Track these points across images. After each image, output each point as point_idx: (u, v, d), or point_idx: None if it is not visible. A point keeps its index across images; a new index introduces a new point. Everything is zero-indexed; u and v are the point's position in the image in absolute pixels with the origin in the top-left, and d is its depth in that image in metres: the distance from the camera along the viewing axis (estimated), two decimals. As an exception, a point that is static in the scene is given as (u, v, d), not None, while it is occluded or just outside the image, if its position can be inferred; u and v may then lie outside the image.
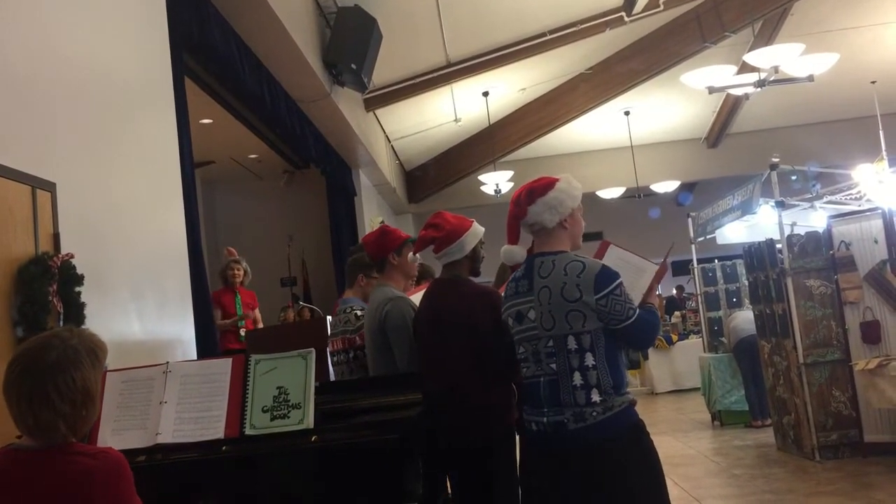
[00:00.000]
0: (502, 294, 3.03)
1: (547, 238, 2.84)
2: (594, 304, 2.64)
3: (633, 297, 2.76)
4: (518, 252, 2.90)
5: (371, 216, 10.73)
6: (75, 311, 3.22)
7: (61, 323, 3.14)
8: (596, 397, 2.63)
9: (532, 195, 2.83)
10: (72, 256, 3.25)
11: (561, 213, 2.81)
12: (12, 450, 1.98)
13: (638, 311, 2.72)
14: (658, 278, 2.96)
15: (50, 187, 3.32)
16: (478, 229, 3.41)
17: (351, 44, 7.51)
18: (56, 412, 1.87)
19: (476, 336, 3.16)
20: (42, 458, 1.90)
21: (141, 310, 4.04)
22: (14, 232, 3.08)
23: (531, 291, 2.77)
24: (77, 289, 3.24)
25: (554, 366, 2.69)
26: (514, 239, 2.92)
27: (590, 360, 2.65)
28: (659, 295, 14.36)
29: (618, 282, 2.68)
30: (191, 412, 2.61)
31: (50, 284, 3.12)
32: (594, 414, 2.62)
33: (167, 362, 2.75)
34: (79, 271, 3.26)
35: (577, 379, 2.64)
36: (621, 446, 2.64)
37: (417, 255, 3.65)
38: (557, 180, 2.86)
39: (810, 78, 7.78)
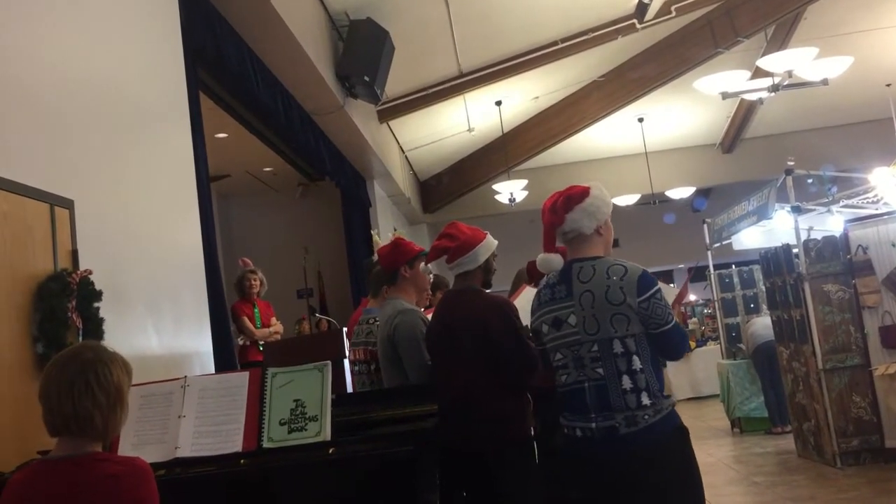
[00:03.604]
0: (515, 303, 3.03)
1: (583, 245, 2.83)
2: (637, 307, 2.64)
3: None
4: (555, 260, 2.86)
5: (375, 232, 10.78)
6: (94, 327, 3.25)
7: (80, 339, 3.17)
8: (646, 400, 2.63)
9: (570, 202, 2.82)
10: (90, 272, 3.28)
11: (598, 219, 2.82)
12: (37, 462, 2.04)
13: (675, 320, 2.73)
14: (678, 299, 2.97)
15: (68, 204, 3.36)
16: (491, 242, 3.42)
17: (363, 56, 7.55)
18: (94, 401, 1.97)
19: (488, 346, 3.17)
20: (68, 466, 1.95)
21: (158, 324, 4.07)
22: (33, 249, 3.12)
23: (570, 296, 2.74)
24: (96, 304, 3.28)
25: (601, 370, 2.67)
26: (550, 247, 2.88)
27: (637, 363, 2.65)
28: (683, 313, 14.25)
29: (658, 287, 2.69)
30: (209, 426, 2.62)
31: (69, 301, 3.16)
32: (646, 417, 2.61)
33: (185, 376, 2.77)
34: (97, 287, 3.29)
35: (627, 382, 2.63)
36: (671, 448, 2.64)
37: (430, 265, 3.66)
38: (590, 187, 2.86)
39: (824, 82, 7.73)
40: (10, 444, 2.78)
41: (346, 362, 4.31)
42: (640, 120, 12.95)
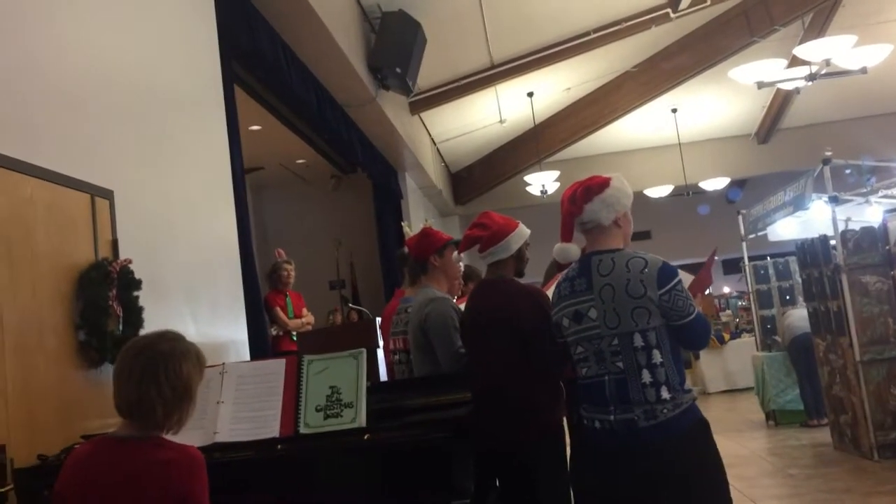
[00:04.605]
0: (548, 293, 3.02)
1: (601, 236, 2.81)
2: (657, 300, 2.63)
3: None
4: (573, 250, 2.86)
5: (406, 223, 10.80)
6: (134, 315, 3.32)
7: (121, 327, 3.24)
8: (666, 394, 2.61)
9: (589, 193, 2.80)
10: (130, 262, 3.35)
11: (617, 210, 2.80)
12: (103, 438, 2.13)
13: (697, 310, 2.71)
14: (699, 287, 2.95)
15: (108, 195, 3.43)
16: (524, 230, 3.41)
17: (395, 48, 7.57)
18: (159, 394, 2.03)
19: (520, 336, 3.16)
20: (129, 446, 2.03)
21: (196, 313, 4.13)
22: (75, 239, 3.19)
23: (590, 290, 2.73)
24: (135, 293, 3.34)
25: (621, 364, 2.66)
26: (568, 237, 2.87)
27: (657, 357, 2.63)
28: (709, 294, 14.15)
29: (679, 278, 2.67)
30: (247, 412, 2.67)
31: (110, 289, 3.22)
32: (664, 411, 2.60)
33: (223, 363, 2.82)
34: (136, 276, 3.35)
35: (647, 376, 2.62)
36: (690, 442, 2.63)
37: (462, 255, 3.67)
38: (610, 179, 2.85)
39: (863, 70, 7.61)
40: (53, 428, 2.85)
41: (380, 352, 4.34)
42: (674, 111, 12.83)
